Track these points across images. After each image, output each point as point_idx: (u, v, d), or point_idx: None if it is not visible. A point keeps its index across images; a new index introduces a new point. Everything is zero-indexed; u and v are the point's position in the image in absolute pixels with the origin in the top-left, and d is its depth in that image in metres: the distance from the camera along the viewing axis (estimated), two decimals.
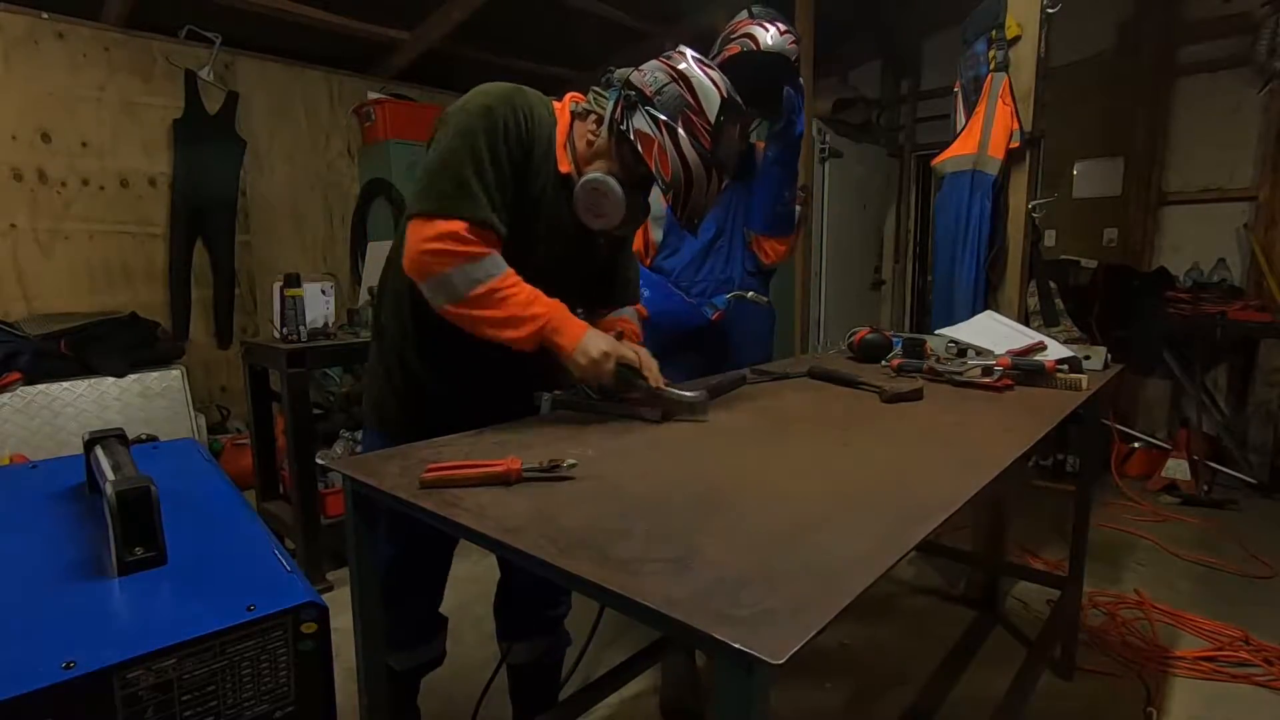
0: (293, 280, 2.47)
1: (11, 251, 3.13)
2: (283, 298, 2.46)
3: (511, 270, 1.17)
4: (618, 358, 1.20)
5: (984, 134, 2.18)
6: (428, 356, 1.28)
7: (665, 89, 1.16)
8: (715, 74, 1.19)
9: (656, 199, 1.95)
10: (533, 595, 1.51)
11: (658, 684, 1.90)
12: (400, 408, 1.32)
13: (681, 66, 1.17)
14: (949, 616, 2.33)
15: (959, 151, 2.25)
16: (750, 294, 1.94)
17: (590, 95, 1.26)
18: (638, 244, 1.97)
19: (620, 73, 1.22)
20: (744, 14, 1.82)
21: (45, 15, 3.13)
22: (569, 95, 1.30)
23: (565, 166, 1.23)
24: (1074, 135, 4.08)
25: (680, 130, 1.15)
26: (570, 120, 1.26)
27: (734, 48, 1.78)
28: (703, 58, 1.21)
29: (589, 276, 1.42)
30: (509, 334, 1.16)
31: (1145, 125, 3.96)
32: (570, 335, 1.18)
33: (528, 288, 1.17)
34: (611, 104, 1.20)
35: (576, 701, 1.55)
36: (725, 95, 1.17)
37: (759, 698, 0.54)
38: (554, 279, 1.28)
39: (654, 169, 1.17)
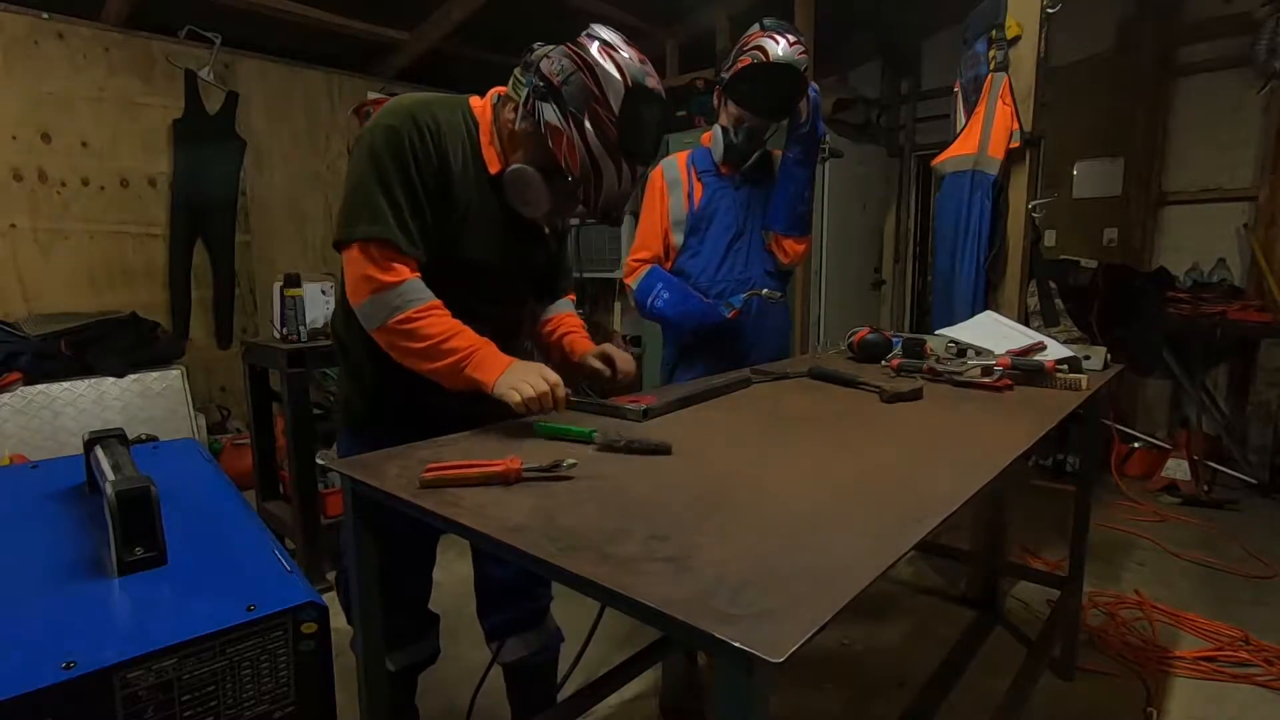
0: (293, 280, 2.47)
1: (11, 251, 3.12)
2: (283, 298, 2.47)
3: (434, 302, 1.16)
4: (553, 384, 1.17)
5: (984, 134, 2.18)
6: (381, 364, 1.27)
7: (571, 79, 1.11)
8: (623, 57, 1.12)
9: (678, 203, 1.97)
10: (509, 590, 1.49)
11: (658, 684, 1.90)
12: (367, 407, 1.34)
13: (586, 54, 1.11)
14: (949, 616, 2.33)
15: (959, 151, 2.25)
16: (765, 291, 1.96)
17: (510, 81, 1.22)
18: (658, 248, 1.98)
19: (537, 54, 1.18)
20: (756, 27, 1.86)
21: (45, 15, 3.13)
22: (491, 90, 1.27)
23: (494, 167, 1.22)
24: (1074, 135, 4.08)
25: (586, 122, 1.10)
26: (493, 116, 1.24)
27: (746, 59, 1.82)
28: (613, 40, 1.14)
29: (538, 270, 1.43)
30: (428, 366, 1.17)
31: (1145, 125, 3.96)
32: (489, 372, 1.16)
33: (447, 321, 1.16)
34: (524, 97, 1.17)
35: (576, 702, 1.55)
36: (630, 83, 1.10)
37: (759, 697, 0.54)
38: (503, 279, 1.29)
39: (563, 163, 1.14)
